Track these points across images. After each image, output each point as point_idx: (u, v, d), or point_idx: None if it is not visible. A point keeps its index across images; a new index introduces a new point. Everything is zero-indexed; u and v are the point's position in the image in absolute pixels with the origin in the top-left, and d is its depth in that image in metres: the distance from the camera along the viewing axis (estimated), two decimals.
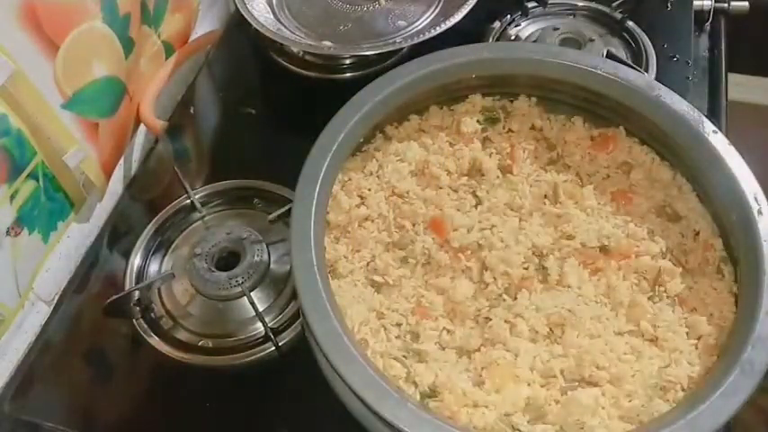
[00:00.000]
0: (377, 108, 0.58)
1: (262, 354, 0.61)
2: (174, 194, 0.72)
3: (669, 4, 0.86)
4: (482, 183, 0.59)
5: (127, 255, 0.68)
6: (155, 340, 0.63)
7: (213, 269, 0.65)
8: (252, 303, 0.63)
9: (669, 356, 0.50)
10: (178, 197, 0.72)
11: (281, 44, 0.83)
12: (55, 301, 0.70)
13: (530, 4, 0.86)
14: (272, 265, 0.66)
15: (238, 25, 0.89)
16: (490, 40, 0.83)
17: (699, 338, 0.51)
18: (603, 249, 0.55)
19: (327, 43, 0.80)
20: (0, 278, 0.60)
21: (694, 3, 0.86)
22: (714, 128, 0.56)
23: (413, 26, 0.82)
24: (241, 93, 0.85)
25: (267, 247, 0.66)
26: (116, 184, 0.78)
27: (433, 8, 0.84)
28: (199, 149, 0.82)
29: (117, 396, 0.62)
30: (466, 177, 0.60)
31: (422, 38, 0.76)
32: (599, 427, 0.47)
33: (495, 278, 0.54)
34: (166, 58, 0.83)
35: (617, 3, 0.85)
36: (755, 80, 1.22)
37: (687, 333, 0.52)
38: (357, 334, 0.51)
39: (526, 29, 0.85)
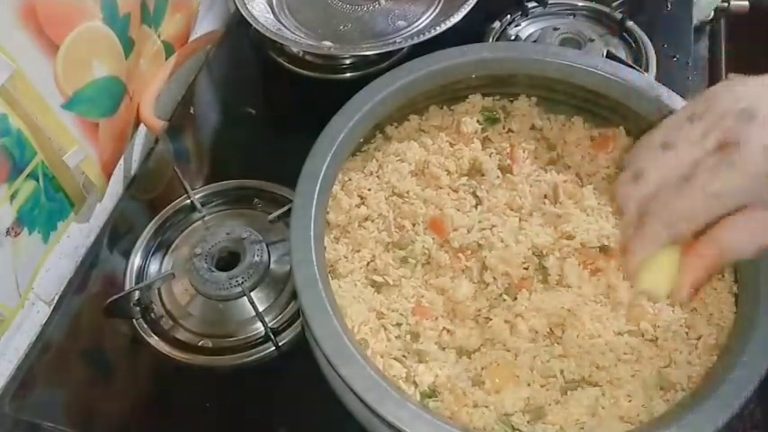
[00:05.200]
0: (377, 108, 0.58)
1: (262, 354, 0.61)
2: (174, 194, 0.72)
3: (669, 4, 0.86)
4: (482, 183, 0.59)
5: (127, 255, 0.68)
6: (155, 340, 0.63)
7: (213, 269, 0.65)
8: (252, 303, 0.63)
9: (669, 356, 0.50)
10: (178, 197, 0.72)
11: (281, 44, 0.83)
12: (55, 301, 0.70)
13: (530, 4, 0.86)
14: (272, 265, 0.66)
15: (238, 25, 0.89)
16: (490, 40, 0.83)
17: (699, 338, 0.51)
18: (603, 249, 0.55)
19: (327, 43, 0.80)
20: (0, 278, 0.60)
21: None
22: None
23: (413, 26, 0.82)
24: (241, 93, 0.85)
25: (267, 247, 0.66)
26: (116, 184, 0.78)
27: (433, 8, 0.84)
28: (199, 149, 0.82)
29: (117, 396, 0.62)
30: (466, 177, 0.60)
31: (422, 38, 0.76)
32: (599, 427, 0.47)
33: (495, 278, 0.54)
34: (166, 58, 0.83)
35: (617, 3, 0.85)
36: None
37: (687, 333, 0.51)
38: (357, 334, 0.51)
39: (526, 29, 0.85)
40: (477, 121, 0.62)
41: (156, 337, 0.63)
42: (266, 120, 0.83)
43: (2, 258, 0.59)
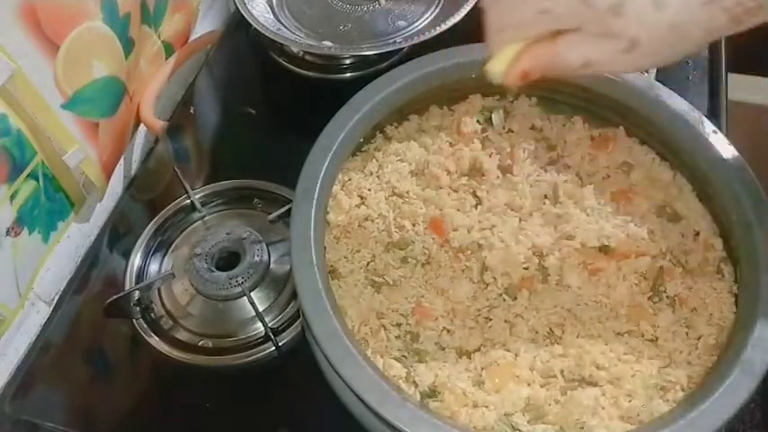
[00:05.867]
0: (377, 108, 0.58)
1: (262, 354, 0.61)
2: (174, 194, 0.72)
3: None
4: (482, 183, 0.59)
5: (127, 255, 0.68)
6: (155, 340, 0.63)
7: (213, 269, 0.65)
8: (252, 303, 0.63)
9: (669, 356, 0.50)
10: (178, 197, 0.72)
11: (281, 44, 0.83)
12: (55, 301, 0.70)
13: None
14: (272, 265, 0.66)
15: (238, 25, 0.89)
16: None
17: (699, 338, 0.51)
18: (603, 249, 0.55)
19: (327, 43, 0.80)
20: (0, 278, 0.60)
21: None
22: (714, 128, 0.56)
23: (413, 26, 0.82)
24: (241, 93, 0.85)
25: (267, 247, 0.66)
26: (116, 184, 0.78)
27: (433, 8, 0.84)
28: (199, 149, 0.82)
29: (117, 396, 0.62)
30: (466, 177, 0.60)
31: (422, 38, 0.76)
32: (599, 427, 0.47)
33: (495, 278, 0.54)
34: (166, 58, 0.83)
35: None
36: (755, 80, 1.22)
37: (687, 333, 0.52)
38: (357, 334, 0.51)
39: None
40: (477, 121, 0.62)
41: (156, 337, 0.63)
42: (266, 120, 0.83)
43: (2, 258, 0.59)
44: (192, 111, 0.82)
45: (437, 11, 0.84)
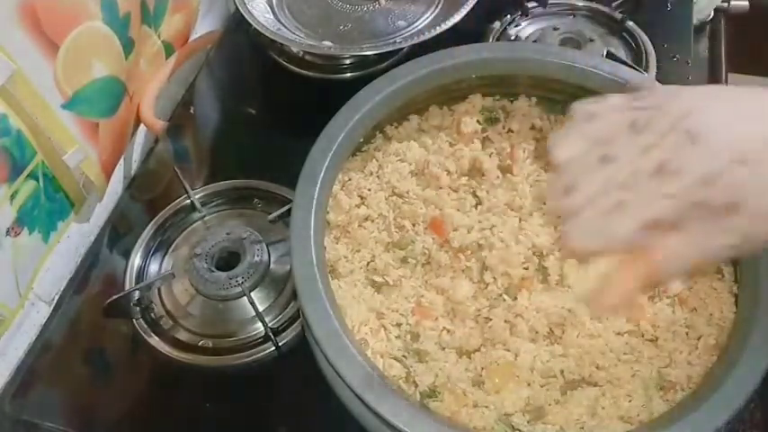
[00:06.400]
0: (377, 108, 0.58)
1: (262, 354, 0.61)
2: (174, 194, 0.72)
3: (669, 4, 0.86)
4: (482, 183, 0.59)
5: (127, 255, 0.68)
6: (155, 340, 0.63)
7: (213, 269, 0.65)
8: (252, 303, 0.63)
9: (669, 356, 0.50)
10: (178, 197, 0.72)
11: (281, 44, 0.83)
12: (55, 301, 0.70)
13: (530, 4, 0.86)
14: (272, 265, 0.66)
15: (238, 25, 0.89)
16: (490, 40, 0.83)
17: (699, 338, 0.51)
18: None
19: (327, 43, 0.80)
20: (0, 278, 0.60)
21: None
22: None
23: (413, 26, 0.82)
24: (241, 93, 0.86)
25: (267, 247, 0.66)
26: (116, 184, 0.78)
27: (433, 8, 0.84)
28: (199, 149, 0.82)
29: (117, 396, 0.62)
30: (466, 177, 0.60)
31: (422, 38, 0.76)
32: (599, 427, 0.47)
33: (495, 278, 0.54)
34: (166, 58, 0.83)
35: (617, 3, 0.85)
36: (755, 80, 1.22)
37: (687, 333, 0.51)
38: (357, 334, 0.51)
39: (526, 29, 0.85)
40: (477, 121, 0.62)
41: (156, 337, 0.63)
42: (266, 120, 0.83)
43: (2, 258, 0.59)
44: (192, 111, 0.82)
45: (437, 11, 0.84)
